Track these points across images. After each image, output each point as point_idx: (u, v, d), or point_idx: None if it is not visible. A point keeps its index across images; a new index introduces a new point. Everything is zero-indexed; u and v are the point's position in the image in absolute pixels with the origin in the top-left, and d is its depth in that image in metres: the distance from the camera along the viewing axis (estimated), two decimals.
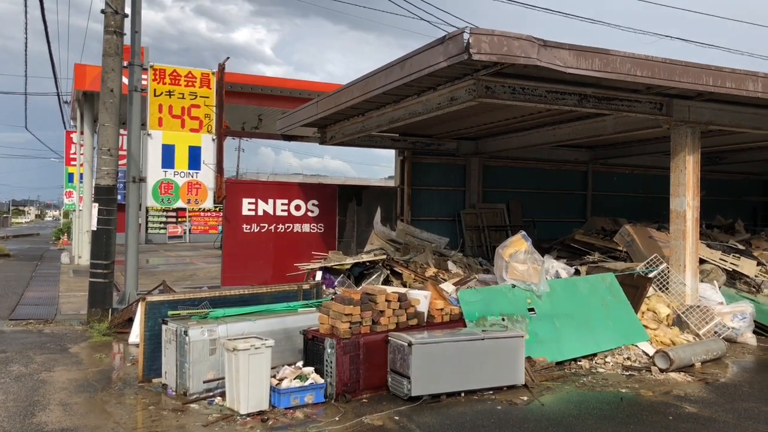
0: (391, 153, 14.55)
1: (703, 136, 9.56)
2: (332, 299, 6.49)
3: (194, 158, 10.90)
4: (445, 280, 8.90)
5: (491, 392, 5.94)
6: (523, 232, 7.93)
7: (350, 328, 5.90)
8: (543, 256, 10.70)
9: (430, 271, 9.65)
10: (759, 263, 11.28)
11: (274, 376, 5.58)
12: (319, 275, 9.09)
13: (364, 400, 5.74)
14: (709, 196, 15.53)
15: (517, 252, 7.70)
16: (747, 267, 10.67)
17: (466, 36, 6.19)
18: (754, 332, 8.47)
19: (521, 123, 11.46)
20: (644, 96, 8.37)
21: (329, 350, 5.78)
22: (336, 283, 8.80)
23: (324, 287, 8.42)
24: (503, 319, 6.92)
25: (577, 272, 9.56)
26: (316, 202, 12.34)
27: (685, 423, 5.20)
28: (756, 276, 10.61)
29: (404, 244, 11.29)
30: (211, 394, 5.76)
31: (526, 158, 15.10)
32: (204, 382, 5.80)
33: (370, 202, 12.98)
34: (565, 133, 11.42)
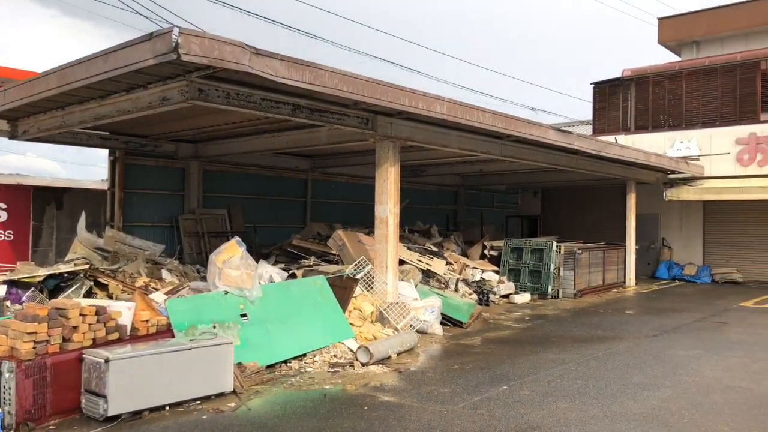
0: None
1: (404, 151, 10.64)
2: (15, 317, 5.69)
3: None
4: (157, 290, 8.46)
5: (198, 402, 5.80)
6: (238, 238, 7.92)
7: (35, 348, 5.24)
8: (264, 261, 10.89)
9: (141, 281, 9.07)
10: (448, 263, 12.95)
11: None
12: (2, 290, 7.89)
13: (51, 427, 5.15)
14: (412, 204, 17.37)
15: (231, 258, 7.66)
16: (438, 266, 12.17)
17: (175, 35, 5.97)
18: (442, 323, 9.68)
19: (241, 129, 11.45)
20: (353, 111, 9.00)
21: (7, 375, 5.06)
22: (24, 299, 7.74)
23: (8, 304, 7.36)
24: (214, 327, 6.81)
25: (294, 276, 9.89)
26: (3, 206, 10.74)
27: (377, 411, 5.71)
28: (445, 274, 12.15)
29: (113, 252, 10.45)
30: None
31: (248, 164, 15.15)
32: None
33: (74, 206, 11.74)
34: (284, 141, 11.73)
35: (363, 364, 7.29)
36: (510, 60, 75.47)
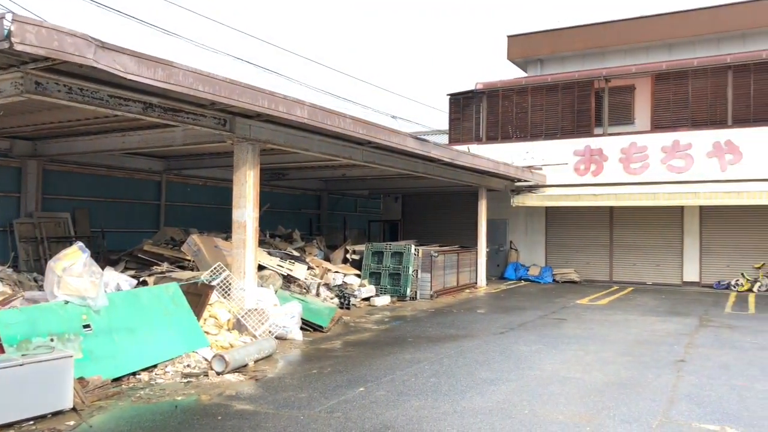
0: None
1: (265, 153, 10.51)
2: None
3: None
4: None
5: (32, 422, 5.32)
6: (80, 243, 7.36)
7: None
8: (112, 267, 10.21)
9: None
10: (309, 267, 12.93)
11: None
12: None
13: None
14: (273, 208, 17.17)
15: (72, 265, 7.10)
16: (299, 271, 12.12)
17: (7, 23, 5.46)
18: (302, 328, 9.64)
19: (87, 126, 10.68)
20: (210, 111, 8.72)
21: None
22: None
23: None
24: (52, 340, 6.28)
25: (144, 283, 9.38)
26: None
27: (232, 420, 5.57)
28: (306, 279, 12.13)
29: None
30: None
31: (95, 164, 14.18)
32: None
33: None
34: (135, 141, 11.12)
35: (218, 373, 7.08)
36: (372, 68, 77.12)
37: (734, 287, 17.77)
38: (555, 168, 19.08)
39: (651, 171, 17.89)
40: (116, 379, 6.64)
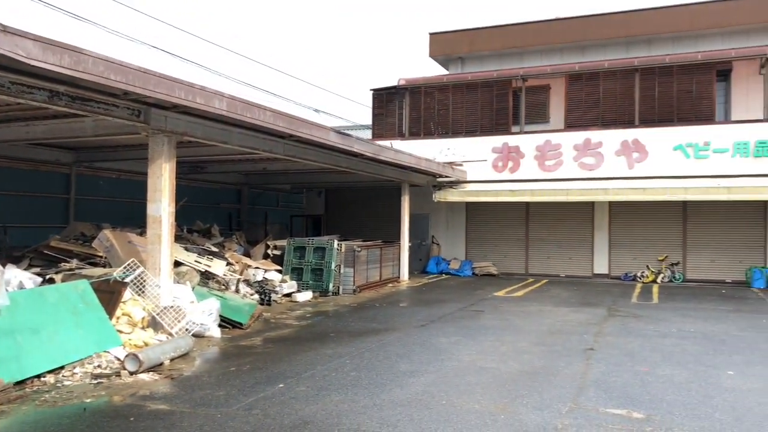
0: None
1: (182, 146, 10.16)
2: None
3: None
4: None
5: None
6: None
7: None
8: (14, 265, 9.62)
9: None
10: (228, 263, 12.67)
11: None
12: None
13: None
14: (191, 203, 16.68)
15: None
16: (218, 267, 11.85)
17: None
18: (220, 326, 9.44)
19: None
20: (123, 101, 8.35)
21: None
22: None
23: None
24: None
25: (51, 281, 8.91)
26: None
27: (145, 421, 5.39)
28: (225, 275, 11.88)
29: None
30: None
31: None
32: None
33: None
34: (40, 131, 10.50)
35: (131, 373, 6.82)
36: (295, 61, 76.25)
37: (640, 278, 18.81)
38: (475, 164, 19.53)
39: (564, 168, 18.64)
40: (19, 383, 6.28)
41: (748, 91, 18.51)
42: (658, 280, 18.49)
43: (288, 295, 13.42)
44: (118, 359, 7.24)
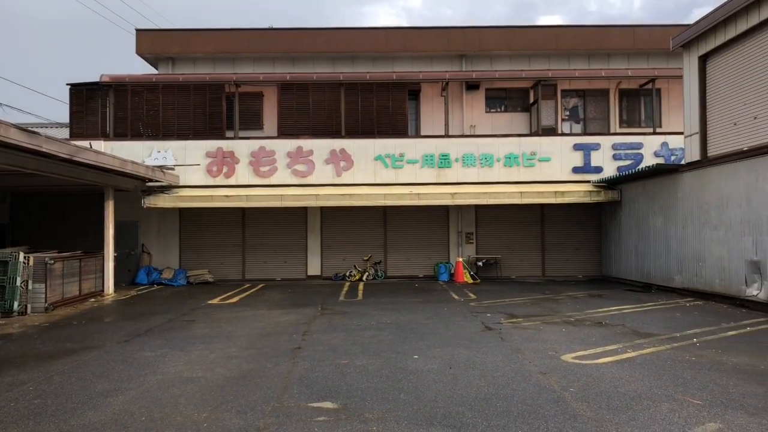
0: None
1: None
2: None
3: None
4: None
5: None
6: None
7: None
8: None
9: None
10: None
11: None
12: None
13: None
14: None
15: None
16: None
17: None
18: None
19: None
20: None
21: None
22: None
23: None
24: None
25: None
26: None
27: None
28: None
29: None
30: None
31: None
32: None
33: None
34: None
35: None
36: None
37: (348, 278, 20.24)
38: (188, 169, 18.95)
39: (279, 174, 19.17)
40: None
41: (433, 110, 21.26)
42: (364, 278, 20.11)
43: None
44: None
